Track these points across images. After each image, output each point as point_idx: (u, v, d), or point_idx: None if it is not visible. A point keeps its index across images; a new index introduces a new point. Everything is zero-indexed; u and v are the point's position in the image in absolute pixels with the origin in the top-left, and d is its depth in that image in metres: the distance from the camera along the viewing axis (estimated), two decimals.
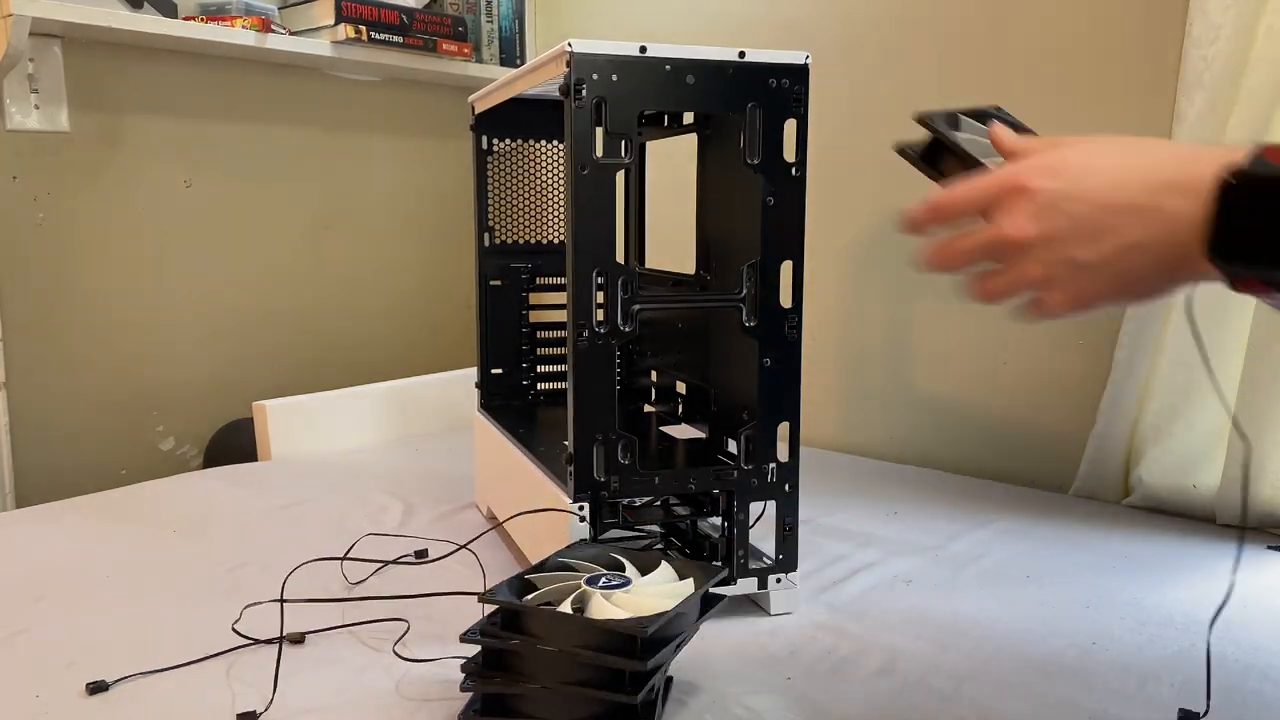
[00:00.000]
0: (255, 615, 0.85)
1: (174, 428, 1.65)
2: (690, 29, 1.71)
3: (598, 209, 0.78)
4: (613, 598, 0.67)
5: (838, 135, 1.51)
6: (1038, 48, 1.30)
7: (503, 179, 1.17)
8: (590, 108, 0.77)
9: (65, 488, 1.45)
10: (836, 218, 1.53)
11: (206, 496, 1.24)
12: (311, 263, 1.81)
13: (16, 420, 1.45)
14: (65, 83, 1.47)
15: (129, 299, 1.58)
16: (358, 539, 1.02)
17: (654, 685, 0.66)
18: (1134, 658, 0.77)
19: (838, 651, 0.79)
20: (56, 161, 1.48)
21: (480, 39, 1.94)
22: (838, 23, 1.52)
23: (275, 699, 0.70)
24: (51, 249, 1.49)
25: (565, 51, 0.76)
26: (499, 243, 1.18)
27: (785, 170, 0.81)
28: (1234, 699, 0.72)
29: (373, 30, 1.67)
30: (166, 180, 1.61)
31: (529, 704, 0.66)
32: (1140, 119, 1.22)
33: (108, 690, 0.72)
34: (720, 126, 0.91)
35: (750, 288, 0.83)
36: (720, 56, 0.79)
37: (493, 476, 1.12)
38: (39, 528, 1.11)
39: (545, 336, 1.20)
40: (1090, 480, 1.26)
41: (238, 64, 1.66)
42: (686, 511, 0.89)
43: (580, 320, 0.79)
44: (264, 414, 1.44)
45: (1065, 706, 0.70)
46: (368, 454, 1.48)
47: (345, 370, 1.85)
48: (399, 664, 0.76)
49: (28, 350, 1.47)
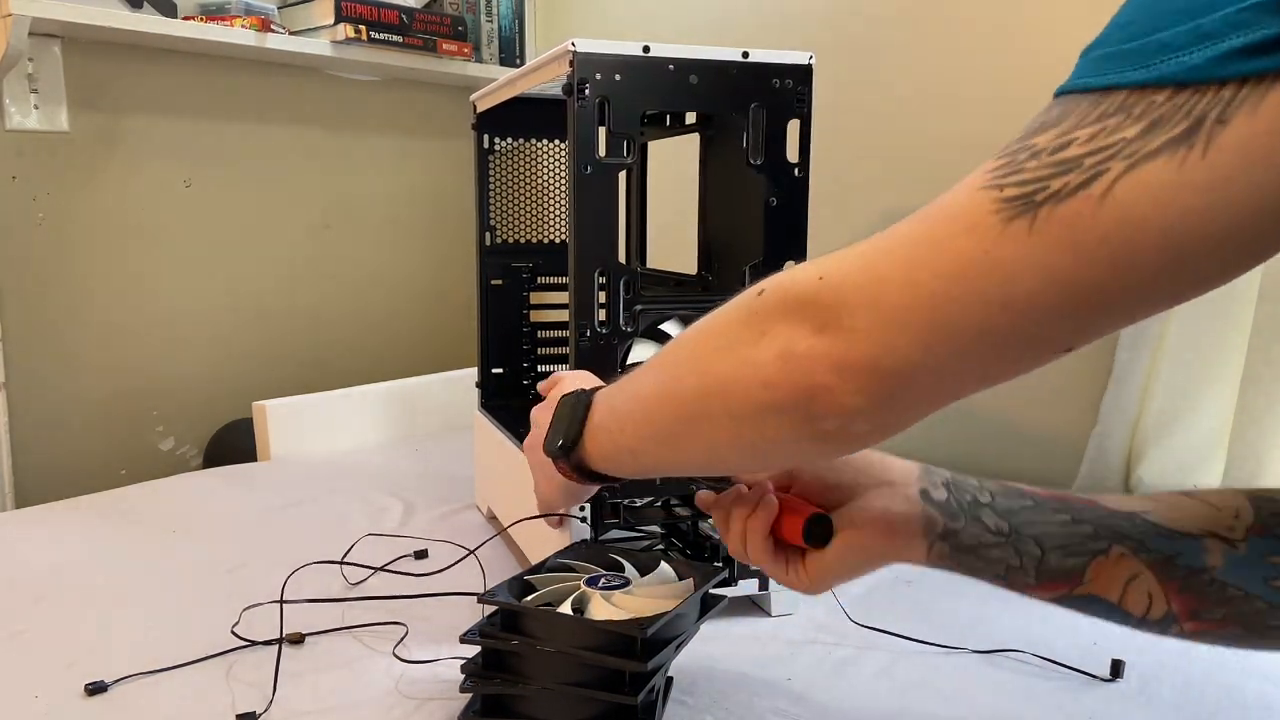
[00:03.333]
0: (255, 616, 0.85)
1: (174, 428, 1.64)
2: (692, 29, 1.71)
3: (600, 209, 0.78)
4: (612, 598, 0.67)
5: (841, 135, 1.51)
6: (1039, 48, 1.30)
7: (504, 178, 1.17)
8: (593, 107, 0.77)
9: (65, 488, 1.45)
10: (839, 218, 1.53)
11: (206, 496, 1.24)
12: (311, 263, 1.81)
13: (16, 420, 1.45)
14: (65, 83, 1.46)
15: (129, 299, 1.58)
16: (358, 539, 1.02)
17: (654, 686, 0.66)
18: (1134, 658, 0.77)
19: (838, 652, 0.79)
20: (56, 161, 1.48)
21: (480, 39, 1.94)
22: (841, 22, 1.51)
23: (275, 699, 0.70)
24: (51, 249, 1.48)
25: (568, 51, 0.76)
26: (500, 242, 1.18)
27: (788, 171, 0.81)
28: (1234, 699, 0.71)
29: (372, 30, 1.67)
30: (166, 180, 1.60)
31: (529, 705, 0.66)
32: None
33: (107, 690, 0.72)
34: (723, 126, 0.91)
35: None
36: (723, 56, 0.79)
37: (493, 476, 1.12)
38: (39, 528, 1.11)
39: (546, 336, 1.20)
40: (1090, 480, 1.26)
41: (238, 64, 1.66)
42: (687, 512, 0.89)
43: (582, 320, 0.79)
44: (264, 414, 1.43)
45: (1065, 707, 0.70)
46: (368, 454, 1.48)
47: (345, 370, 1.85)
48: (399, 664, 0.76)
49: (28, 350, 1.46)
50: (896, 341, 0.42)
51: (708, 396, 0.50)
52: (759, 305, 0.47)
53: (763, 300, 0.47)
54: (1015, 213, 0.39)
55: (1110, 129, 0.37)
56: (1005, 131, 0.43)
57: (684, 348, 0.54)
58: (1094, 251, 0.37)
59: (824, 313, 0.44)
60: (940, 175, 1.56)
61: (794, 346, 0.44)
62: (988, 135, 1.34)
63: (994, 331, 0.40)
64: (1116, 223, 0.36)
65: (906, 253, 0.42)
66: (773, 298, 0.47)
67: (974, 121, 1.36)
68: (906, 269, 0.42)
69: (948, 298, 0.40)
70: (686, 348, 0.53)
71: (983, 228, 0.40)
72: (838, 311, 0.43)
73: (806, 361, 0.44)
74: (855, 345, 0.43)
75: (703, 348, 0.52)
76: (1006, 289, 0.39)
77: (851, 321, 0.43)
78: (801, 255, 0.83)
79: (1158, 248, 0.36)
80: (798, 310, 0.45)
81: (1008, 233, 0.39)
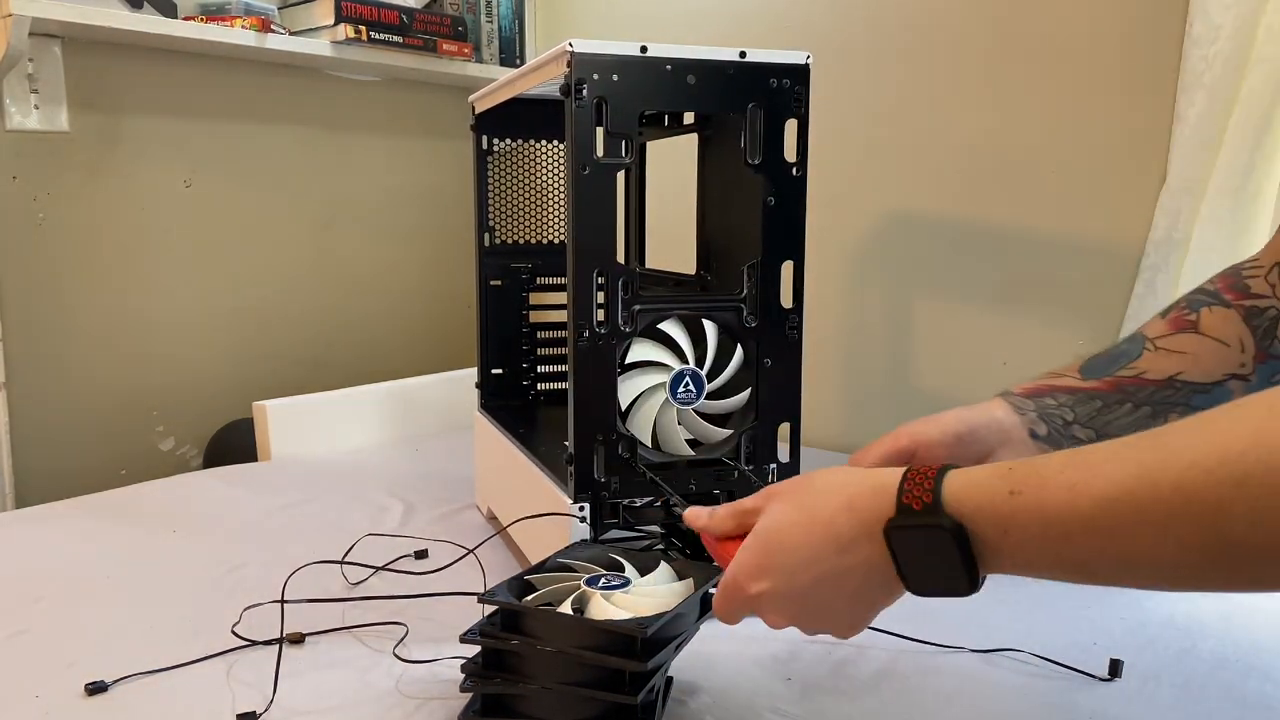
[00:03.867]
0: (255, 616, 0.85)
1: (174, 428, 1.64)
2: (690, 29, 1.71)
3: (598, 209, 0.78)
4: (612, 598, 0.67)
5: (839, 135, 1.51)
6: (1038, 47, 1.30)
7: (503, 179, 1.17)
8: (591, 107, 0.77)
9: (65, 488, 1.45)
10: (837, 218, 1.53)
11: (206, 496, 1.24)
12: (311, 263, 1.81)
13: (16, 420, 1.45)
14: (65, 83, 1.47)
15: (129, 299, 1.58)
16: (358, 539, 1.02)
17: (654, 685, 0.66)
18: (1134, 658, 0.77)
19: (838, 652, 0.79)
20: (56, 161, 1.48)
21: (480, 39, 1.93)
22: (839, 22, 1.51)
23: (275, 699, 0.70)
24: (51, 249, 1.48)
25: (566, 51, 0.76)
26: (499, 243, 1.18)
27: (786, 170, 0.81)
28: (1234, 699, 0.71)
29: (372, 30, 1.67)
30: (166, 180, 1.60)
31: (529, 704, 0.66)
32: (1140, 119, 1.22)
33: (107, 690, 0.72)
34: (721, 126, 0.91)
35: (751, 288, 0.83)
36: (721, 56, 0.79)
37: (493, 477, 1.12)
38: (39, 528, 1.11)
39: (545, 336, 1.20)
40: None
41: (238, 64, 1.66)
42: None
43: (581, 320, 0.79)
44: (264, 414, 1.44)
45: (1065, 707, 0.70)
46: (368, 454, 1.48)
47: (345, 370, 1.85)
48: (399, 664, 0.76)
49: (28, 350, 1.46)
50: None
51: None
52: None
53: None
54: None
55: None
56: (1005, 131, 0.43)
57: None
58: None
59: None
60: (940, 175, 1.57)
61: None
62: (987, 135, 1.35)
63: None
64: None
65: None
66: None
67: (974, 122, 1.36)
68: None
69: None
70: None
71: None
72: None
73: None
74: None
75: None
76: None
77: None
78: (800, 254, 0.83)
79: None
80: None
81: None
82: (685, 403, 0.82)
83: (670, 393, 0.82)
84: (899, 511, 0.51)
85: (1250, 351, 0.70)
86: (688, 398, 0.82)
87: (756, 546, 0.58)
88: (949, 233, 1.41)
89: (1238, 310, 0.71)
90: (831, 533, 0.54)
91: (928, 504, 0.49)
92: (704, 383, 0.82)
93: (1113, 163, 1.25)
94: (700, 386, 0.82)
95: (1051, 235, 1.31)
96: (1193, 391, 0.70)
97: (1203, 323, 0.71)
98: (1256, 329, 0.70)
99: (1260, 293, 0.71)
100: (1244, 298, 0.71)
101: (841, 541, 0.53)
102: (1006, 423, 0.70)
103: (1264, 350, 0.70)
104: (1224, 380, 0.70)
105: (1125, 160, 1.24)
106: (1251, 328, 0.70)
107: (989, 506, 0.48)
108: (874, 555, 0.52)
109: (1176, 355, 0.71)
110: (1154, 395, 0.70)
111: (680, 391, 0.82)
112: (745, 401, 0.84)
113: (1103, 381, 0.72)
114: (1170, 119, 1.19)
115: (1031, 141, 1.31)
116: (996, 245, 1.36)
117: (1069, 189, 1.29)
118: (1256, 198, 1.13)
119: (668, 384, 0.81)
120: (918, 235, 1.45)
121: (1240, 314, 0.71)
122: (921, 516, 0.49)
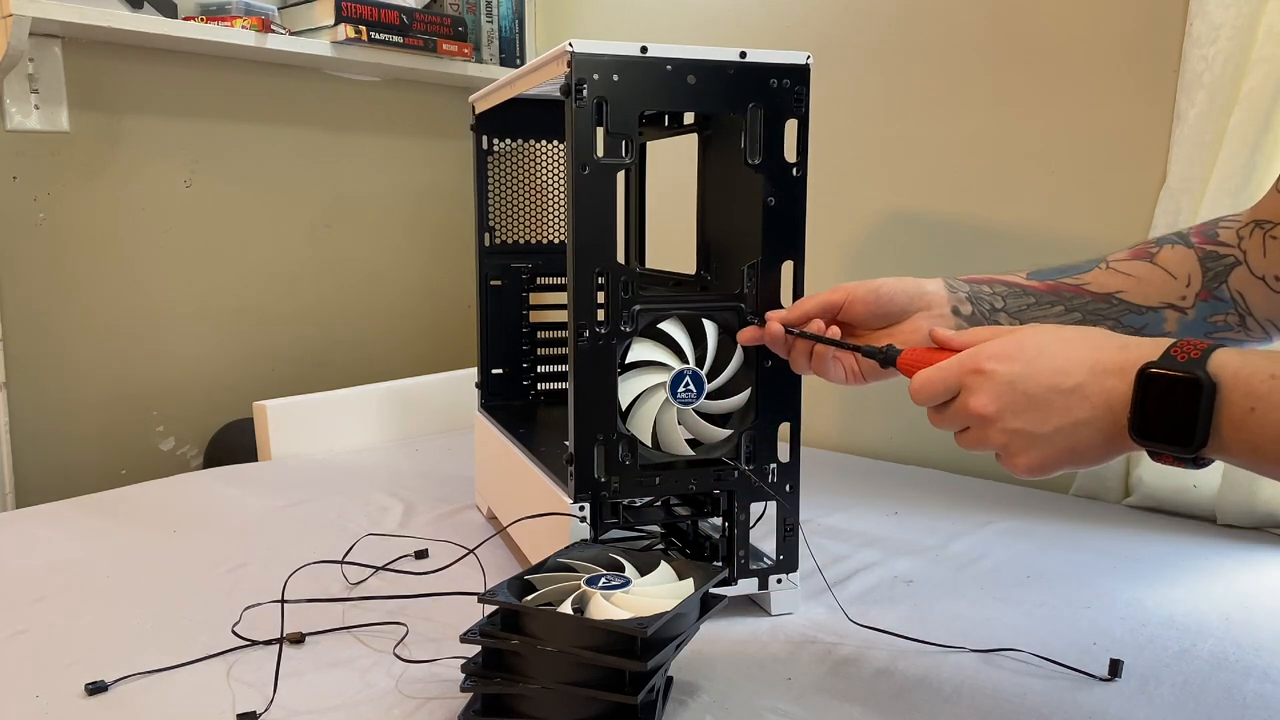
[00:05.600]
0: (255, 615, 0.85)
1: (174, 428, 1.65)
2: (690, 29, 1.71)
3: (598, 209, 0.78)
4: (612, 598, 0.67)
5: (839, 135, 1.51)
6: (1038, 47, 1.30)
7: (503, 179, 1.17)
8: (591, 108, 0.77)
9: (65, 488, 1.45)
10: (837, 218, 1.53)
11: (206, 496, 1.24)
12: (311, 263, 1.81)
13: (16, 420, 1.45)
14: (65, 83, 1.47)
15: (129, 298, 1.58)
16: (358, 539, 1.02)
17: (654, 685, 0.66)
18: (1134, 658, 0.77)
19: (838, 652, 0.79)
20: (56, 161, 1.48)
21: (480, 39, 1.94)
22: (839, 22, 1.51)
23: (275, 699, 0.70)
24: (51, 249, 1.49)
25: (566, 51, 0.76)
26: (499, 243, 1.18)
27: (786, 170, 0.81)
28: (1234, 699, 0.72)
29: (372, 30, 1.67)
30: (166, 180, 1.61)
31: (529, 704, 0.66)
32: (1140, 119, 1.22)
33: (107, 690, 0.72)
34: (721, 126, 0.91)
35: (751, 288, 0.83)
36: (721, 56, 0.79)
37: (493, 477, 1.12)
38: (39, 528, 1.11)
39: (545, 336, 1.20)
40: (1091, 480, 1.26)
41: (238, 64, 1.66)
42: (687, 512, 0.89)
43: (581, 320, 0.79)
44: (264, 414, 1.44)
45: (1065, 707, 0.70)
46: (368, 454, 1.48)
47: (345, 370, 1.85)
48: (399, 664, 0.76)
49: (28, 350, 1.47)
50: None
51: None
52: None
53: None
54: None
55: None
56: (1005, 130, 0.43)
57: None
58: None
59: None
60: (940, 175, 1.57)
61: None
62: (987, 135, 1.35)
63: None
64: None
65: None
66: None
67: (974, 121, 1.36)
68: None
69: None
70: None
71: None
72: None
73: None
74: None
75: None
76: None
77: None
78: (800, 255, 0.83)
79: None
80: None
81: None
82: (685, 403, 0.82)
83: (670, 393, 0.82)
84: (1163, 357, 0.53)
85: (1195, 288, 0.72)
86: (688, 398, 0.82)
87: (1013, 340, 0.59)
88: (949, 232, 1.41)
89: (1197, 251, 0.74)
90: (1093, 356, 0.56)
91: (1193, 359, 0.52)
92: (704, 383, 0.82)
93: (1112, 162, 1.25)
94: (700, 386, 0.82)
95: (1051, 235, 1.31)
96: (1127, 310, 0.73)
97: (1160, 255, 0.74)
98: (1208, 271, 0.73)
99: (1226, 241, 0.73)
100: (1208, 243, 0.74)
101: (1098, 367, 0.55)
102: (932, 295, 0.75)
103: (1209, 290, 0.72)
104: (1160, 307, 0.73)
105: (1125, 160, 1.24)
106: (1204, 269, 0.73)
107: (1246, 382, 0.51)
108: (1116, 393, 0.54)
109: (1122, 276, 0.74)
110: (1088, 305, 0.73)
111: (680, 391, 0.82)
112: (745, 401, 0.84)
113: (1044, 284, 0.75)
114: (1170, 118, 1.19)
115: (1031, 141, 1.31)
116: (996, 245, 1.36)
117: (1068, 188, 1.29)
118: (1256, 198, 1.12)
119: (668, 384, 0.82)
120: (917, 235, 1.45)
121: (1198, 255, 0.74)
122: (1183, 366, 0.52)
